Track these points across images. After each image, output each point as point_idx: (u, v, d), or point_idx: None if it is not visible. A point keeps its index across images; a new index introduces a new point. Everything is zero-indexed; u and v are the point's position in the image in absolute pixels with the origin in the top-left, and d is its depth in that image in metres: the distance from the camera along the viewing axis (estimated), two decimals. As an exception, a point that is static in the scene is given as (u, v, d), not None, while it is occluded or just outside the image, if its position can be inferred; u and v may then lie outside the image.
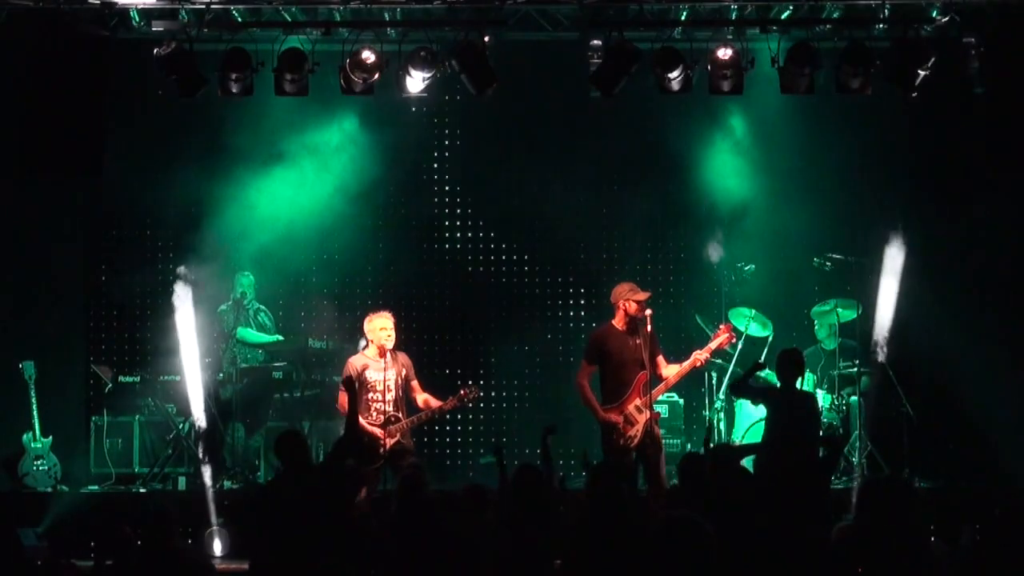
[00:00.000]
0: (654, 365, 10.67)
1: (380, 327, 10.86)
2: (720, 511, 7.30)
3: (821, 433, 11.14)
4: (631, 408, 10.59)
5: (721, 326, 11.24)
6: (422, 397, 10.92)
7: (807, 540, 7.40)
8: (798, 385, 10.65)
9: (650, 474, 10.58)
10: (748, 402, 12.43)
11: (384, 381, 10.74)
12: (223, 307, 13.04)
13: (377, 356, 10.83)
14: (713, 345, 10.99)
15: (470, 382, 11.26)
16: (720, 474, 8.53)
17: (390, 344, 10.80)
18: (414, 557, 7.57)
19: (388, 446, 10.60)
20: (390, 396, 10.73)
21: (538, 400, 13.73)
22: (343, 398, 10.61)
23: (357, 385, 10.66)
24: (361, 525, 8.35)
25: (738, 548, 6.85)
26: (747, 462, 10.63)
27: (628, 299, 10.70)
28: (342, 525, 8.16)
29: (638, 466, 10.64)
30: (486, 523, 7.82)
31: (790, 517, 8.18)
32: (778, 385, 10.60)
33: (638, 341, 10.64)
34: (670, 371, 10.81)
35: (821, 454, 10.35)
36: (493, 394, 13.74)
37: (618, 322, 10.76)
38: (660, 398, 11.40)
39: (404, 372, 10.89)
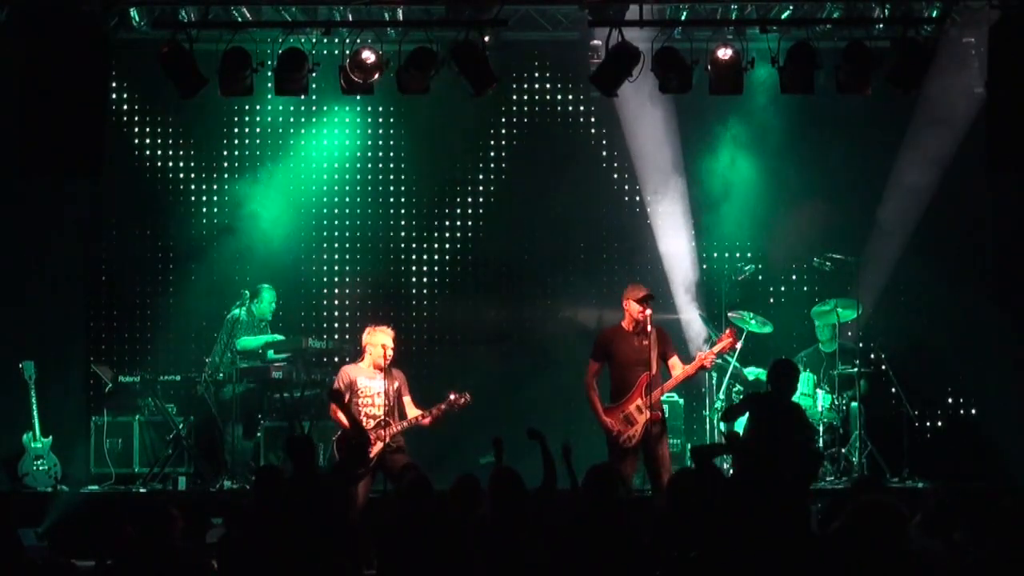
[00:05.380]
0: (665, 366, 10.67)
1: (380, 343, 10.71)
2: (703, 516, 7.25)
3: (807, 447, 11.06)
4: (632, 408, 10.58)
5: (726, 331, 11.19)
6: (414, 413, 10.78)
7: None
8: (787, 397, 10.64)
9: (653, 474, 10.59)
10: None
11: (375, 389, 10.70)
12: (236, 313, 12.76)
13: (371, 369, 10.77)
14: (716, 349, 10.96)
15: (461, 392, 10.82)
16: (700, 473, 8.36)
17: (384, 362, 10.63)
18: (421, 558, 7.54)
19: (378, 448, 10.54)
20: (380, 401, 10.65)
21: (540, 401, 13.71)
22: (334, 409, 10.68)
23: (348, 395, 10.66)
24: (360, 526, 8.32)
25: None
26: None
27: (629, 299, 10.70)
28: (341, 528, 8.13)
29: (639, 466, 10.67)
30: (477, 518, 7.77)
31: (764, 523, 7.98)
32: (764, 392, 10.58)
33: (645, 342, 10.60)
34: (676, 371, 10.78)
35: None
36: (491, 395, 13.72)
37: (626, 323, 10.74)
38: (661, 398, 11.37)
39: (397, 385, 10.77)
